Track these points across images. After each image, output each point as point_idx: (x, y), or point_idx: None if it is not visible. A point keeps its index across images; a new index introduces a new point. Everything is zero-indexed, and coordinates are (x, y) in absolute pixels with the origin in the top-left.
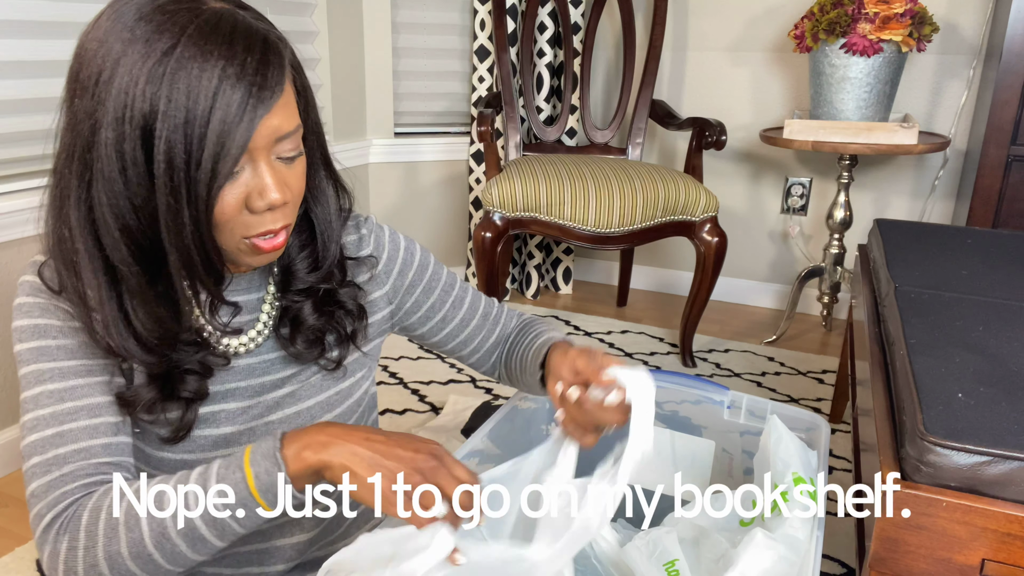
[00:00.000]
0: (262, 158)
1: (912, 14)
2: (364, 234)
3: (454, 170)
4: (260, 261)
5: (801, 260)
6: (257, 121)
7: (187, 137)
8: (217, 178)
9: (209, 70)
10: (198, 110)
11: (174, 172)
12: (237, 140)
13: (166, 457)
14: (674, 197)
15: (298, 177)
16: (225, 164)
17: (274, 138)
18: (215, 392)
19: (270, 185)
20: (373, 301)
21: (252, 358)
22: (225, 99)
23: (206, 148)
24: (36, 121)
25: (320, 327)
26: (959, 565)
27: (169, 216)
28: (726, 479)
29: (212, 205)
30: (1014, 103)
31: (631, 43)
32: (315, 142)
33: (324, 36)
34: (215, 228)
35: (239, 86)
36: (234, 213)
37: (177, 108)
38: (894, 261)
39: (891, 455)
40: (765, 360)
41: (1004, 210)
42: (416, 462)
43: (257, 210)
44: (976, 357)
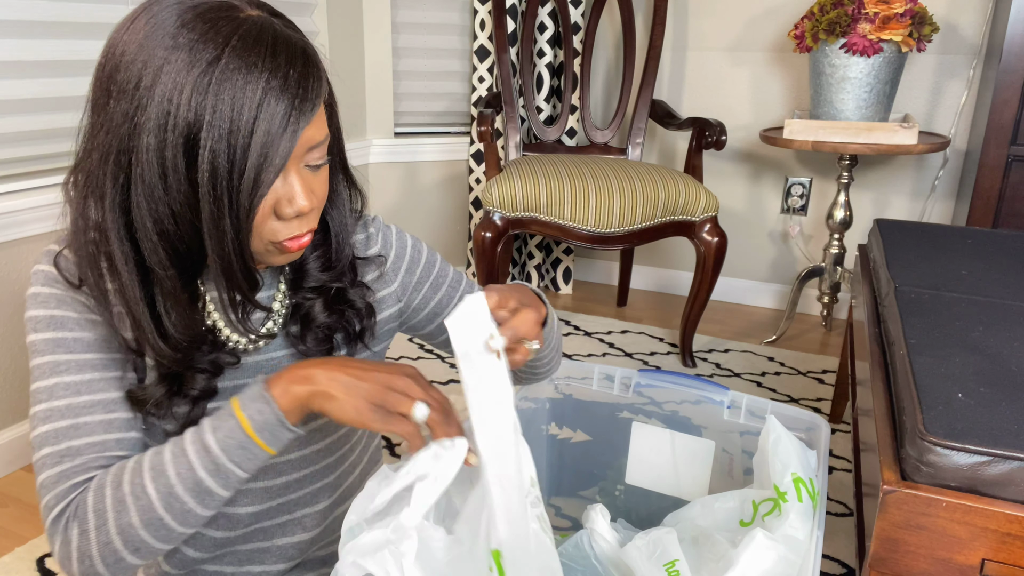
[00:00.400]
0: (292, 166)
1: (912, 14)
2: (372, 233)
3: (454, 170)
4: (283, 260)
5: (801, 260)
6: (299, 133)
7: (231, 147)
8: (259, 188)
9: (254, 82)
10: (242, 121)
11: (218, 181)
12: (281, 151)
13: None
14: (674, 197)
15: (323, 183)
16: (268, 175)
17: (307, 147)
18: (223, 388)
19: (299, 193)
20: (381, 299)
21: (260, 356)
22: (269, 111)
23: (250, 159)
24: (36, 121)
25: (330, 325)
26: (959, 565)
27: (211, 224)
28: (726, 479)
29: (254, 215)
30: (1014, 103)
31: (631, 43)
32: (335, 147)
33: (324, 36)
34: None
35: (283, 98)
36: (264, 220)
37: (222, 118)
38: (894, 261)
39: (891, 455)
40: (765, 360)
41: (1004, 210)
42: (391, 381)
43: (286, 217)
44: (976, 357)
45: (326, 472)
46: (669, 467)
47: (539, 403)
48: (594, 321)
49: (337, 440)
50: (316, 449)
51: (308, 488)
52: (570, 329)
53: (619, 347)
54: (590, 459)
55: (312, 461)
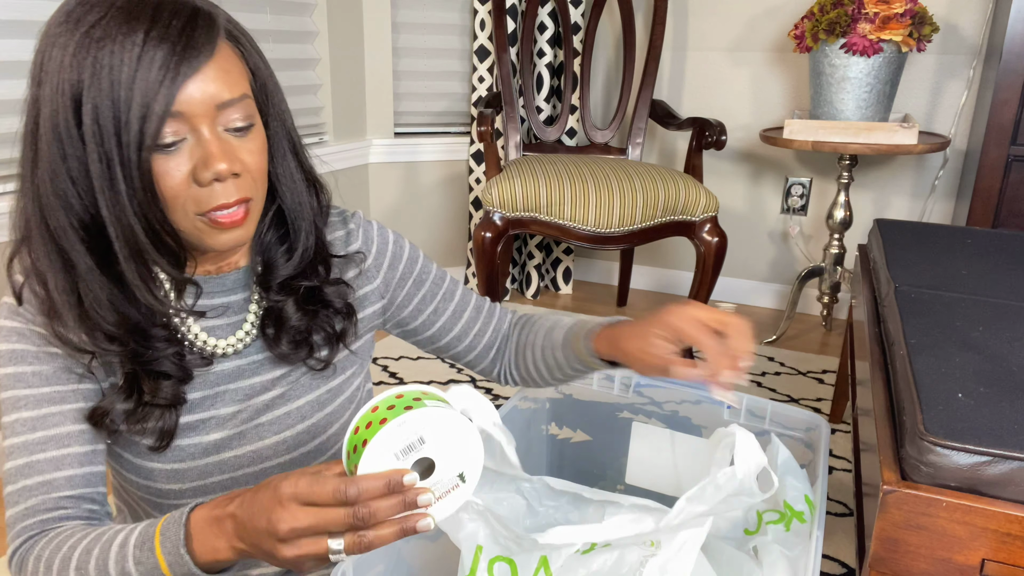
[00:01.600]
0: (205, 126)
1: (912, 14)
2: (352, 229)
3: (454, 170)
4: (224, 241)
5: (801, 260)
6: (181, 80)
7: (114, 102)
8: (145, 140)
9: (133, 35)
10: (123, 74)
11: (104, 138)
12: (160, 100)
13: (156, 468)
14: (674, 197)
15: (253, 152)
16: (150, 125)
17: (213, 105)
18: (204, 397)
19: (214, 154)
20: (364, 296)
21: (240, 360)
22: (147, 60)
23: (132, 110)
24: None
25: (304, 327)
26: (959, 565)
27: (104, 184)
28: None
29: (146, 170)
30: (1014, 103)
31: (631, 43)
32: (279, 128)
33: (324, 36)
34: (166, 207)
35: (162, 46)
36: (182, 187)
37: (102, 73)
38: (894, 261)
39: (891, 455)
40: (765, 360)
41: (1004, 210)
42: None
43: (203, 181)
44: (976, 357)
45: None
46: (669, 467)
47: (539, 403)
48: None
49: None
50: (304, 452)
51: None
52: None
53: None
54: (590, 459)
55: (298, 464)
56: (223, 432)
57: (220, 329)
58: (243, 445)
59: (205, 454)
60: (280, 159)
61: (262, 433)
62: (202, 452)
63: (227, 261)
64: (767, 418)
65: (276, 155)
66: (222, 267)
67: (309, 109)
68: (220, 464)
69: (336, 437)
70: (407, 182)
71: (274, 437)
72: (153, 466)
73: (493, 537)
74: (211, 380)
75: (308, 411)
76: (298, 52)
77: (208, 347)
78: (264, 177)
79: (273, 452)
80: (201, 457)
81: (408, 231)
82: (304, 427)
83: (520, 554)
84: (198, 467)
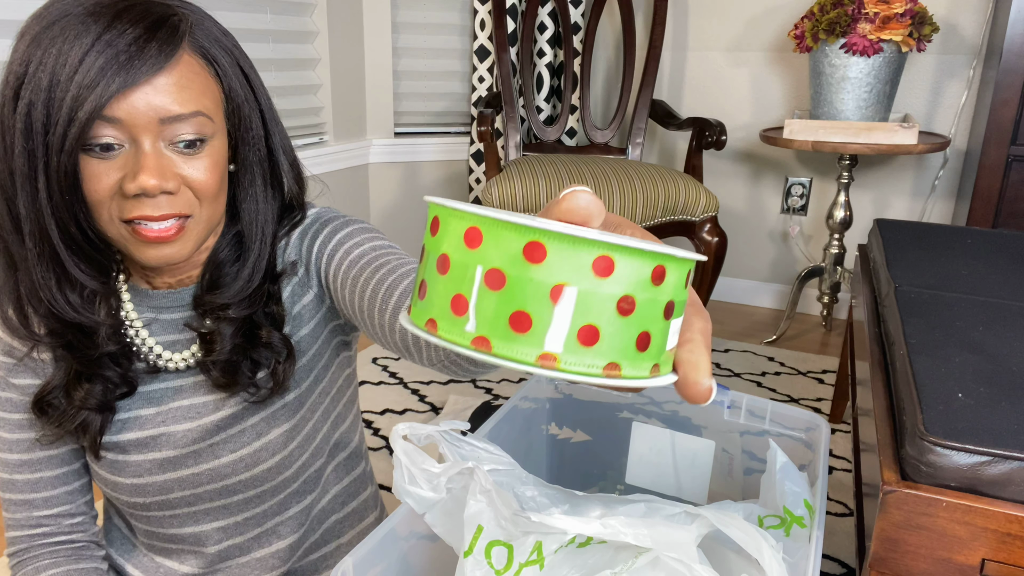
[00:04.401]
0: (146, 137)
1: (912, 14)
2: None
3: (454, 170)
4: (152, 256)
5: (801, 260)
6: (116, 87)
7: (48, 101)
8: (66, 143)
9: (84, 37)
10: (62, 74)
11: (32, 134)
12: (88, 104)
13: (120, 482)
14: (674, 197)
15: (200, 170)
16: (74, 128)
17: (156, 118)
18: (156, 413)
19: (145, 166)
20: (305, 307)
21: (195, 376)
22: (88, 63)
23: (62, 111)
24: None
25: (236, 360)
26: (959, 565)
27: (24, 181)
28: (726, 479)
29: (68, 172)
30: (1014, 103)
31: (631, 43)
32: (250, 154)
33: (324, 36)
34: (91, 210)
35: (107, 52)
36: (106, 193)
37: (44, 71)
38: (894, 261)
39: (891, 455)
40: (765, 360)
41: (1004, 210)
42: None
43: (127, 192)
44: (976, 357)
45: (286, 484)
46: (669, 467)
47: (539, 403)
48: None
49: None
50: (265, 468)
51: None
52: None
53: None
54: (590, 459)
55: (263, 479)
56: (177, 450)
57: (176, 344)
58: (199, 463)
59: (162, 470)
60: (246, 181)
61: (217, 452)
62: (158, 468)
63: (186, 275)
64: (767, 418)
65: (243, 180)
66: (183, 280)
67: (309, 109)
68: (180, 481)
69: (299, 450)
70: (407, 182)
71: (230, 456)
72: (117, 480)
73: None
74: (163, 395)
75: (264, 428)
76: (298, 52)
77: (159, 360)
78: (214, 196)
79: (232, 470)
80: (159, 473)
81: (408, 231)
82: (260, 444)
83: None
84: (157, 483)
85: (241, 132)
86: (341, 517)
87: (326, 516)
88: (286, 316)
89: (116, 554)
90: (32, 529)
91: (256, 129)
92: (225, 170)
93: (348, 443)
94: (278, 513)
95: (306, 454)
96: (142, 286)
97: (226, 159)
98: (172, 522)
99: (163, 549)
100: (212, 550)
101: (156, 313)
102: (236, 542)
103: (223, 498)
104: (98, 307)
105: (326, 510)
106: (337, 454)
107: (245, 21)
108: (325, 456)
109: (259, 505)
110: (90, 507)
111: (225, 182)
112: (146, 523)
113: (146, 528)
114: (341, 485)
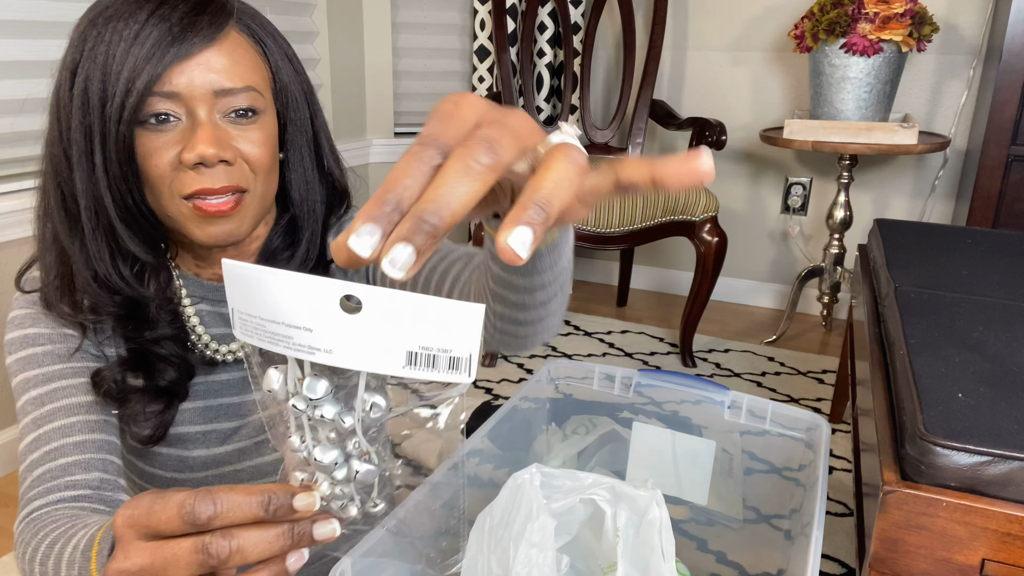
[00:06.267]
0: (202, 109)
1: (912, 14)
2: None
3: None
4: (212, 233)
5: (801, 260)
6: (170, 59)
7: (104, 75)
8: (124, 114)
9: (137, 14)
10: (118, 49)
11: (89, 109)
12: (144, 76)
13: (159, 474)
14: (674, 197)
15: (254, 143)
16: (131, 99)
17: (211, 90)
18: (206, 407)
19: (201, 136)
20: None
21: (244, 371)
22: (143, 38)
23: (119, 84)
24: (36, 121)
25: None
26: (959, 565)
27: (81, 156)
28: (726, 479)
29: (125, 146)
30: (1014, 103)
31: (631, 43)
32: (297, 134)
33: (324, 36)
34: (152, 187)
35: (160, 26)
36: (167, 167)
37: (99, 48)
38: (894, 261)
39: (891, 455)
40: (765, 360)
41: (1004, 210)
42: None
43: (187, 163)
44: (976, 357)
45: None
46: (669, 467)
47: (539, 403)
48: (594, 321)
49: None
50: None
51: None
52: (570, 329)
53: (619, 347)
54: None
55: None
56: (225, 447)
57: (227, 337)
58: (243, 460)
59: (205, 467)
60: (296, 163)
61: (262, 450)
62: (202, 465)
63: None
64: (767, 418)
65: (292, 159)
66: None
67: None
68: (220, 477)
69: None
70: None
71: (274, 454)
72: (155, 472)
73: None
74: (214, 390)
75: None
76: (298, 52)
77: (209, 351)
78: (268, 171)
79: (273, 469)
80: (200, 470)
81: None
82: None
83: None
84: (197, 479)
85: (289, 112)
86: None
87: None
88: None
89: None
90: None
91: (303, 111)
92: (276, 147)
93: None
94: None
95: None
96: (195, 278)
97: (276, 137)
98: None
99: None
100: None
101: (209, 305)
102: None
103: (214, 445)
104: (148, 281)
105: None
106: None
107: None
108: None
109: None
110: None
111: (276, 161)
112: None
113: None
114: None
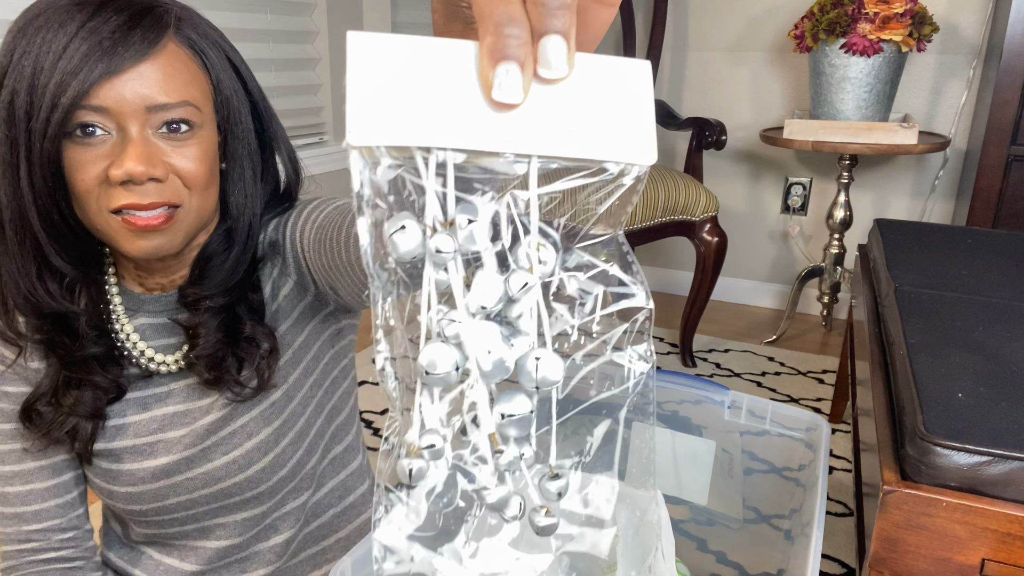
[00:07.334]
0: (133, 125)
1: (912, 14)
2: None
3: None
4: (141, 247)
5: (801, 260)
6: (99, 75)
7: (31, 88)
8: (50, 129)
9: (68, 25)
10: (45, 62)
11: (15, 122)
12: (70, 91)
13: (115, 490)
14: (674, 197)
15: (189, 159)
16: (56, 115)
17: (143, 105)
18: (151, 418)
19: (130, 154)
20: (287, 297)
21: (187, 379)
22: (72, 51)
23: (45, 98)
24: None
25: (222, 354)
26: (959, 565)
27: (6, 168)
28: (726, 479)
29: (51, 160)
30: (1014, 103)
31: (631, 43)
32: (239, 148)
33: (324, 36)
34: (79, 201)
35: (90, 39)
36: (94, 182)
37: (27, 59)
38: (894, 261)
39: (891, 455)
40: (765, 360)
41: (1004, 210)
42: None
43: (114, 179)
44: (976, 357)
45: (282, 484)
46: (669, 467)
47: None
48: None
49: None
50: (259, 468)
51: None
52: None
53: None
54: None
55: (258, 481)
56: (171, 456)
57: (167, 347)
58: (193, 468)
59: (155, 478)
60: (236, 175)
61: (210, 455)
62: (151, 476)
63: (178, 275)
64: (767, 418)
65: (232, 171)
66: (175, 280)
67: (309, 109)
68: (174, 487)
69: (292, 447)
70: None
71: (223, 458)
72: (112, 488)
73: None
74: (154, 401)
75: (254, 428)
76: (298, 52)
77: (151, 364)
78: (204, 186)
79: (225, 473)
80: (152, 481)
81: None
82: (252, 444)
83: None
84: (152, 490)
85: (230, 125)
86: (339, 511)
87: (323, 510)
88: (267, 308)
89: (116, 556)
90: (21, 544)
91: (246, 123)
92: (215, 161)
93: (344, 437)
94: (275, 511)
95: (300, 451)
96: (135, 290)
97: (216, 151)
98: (171, 524)
99: (163, 547)
100: (212, 547)
101: (148, 317)
102: (235, 541)
103: (219, 501)
104: (78, 296)
105: (322, 504)
106: (333, 447)
107: (245, 21)
108: (320, 452)
109: (257, 506)
110: (83, 521)
111: (216, 175)
112: (144, 526)
113: (144, 531)
114: (338, 479)
